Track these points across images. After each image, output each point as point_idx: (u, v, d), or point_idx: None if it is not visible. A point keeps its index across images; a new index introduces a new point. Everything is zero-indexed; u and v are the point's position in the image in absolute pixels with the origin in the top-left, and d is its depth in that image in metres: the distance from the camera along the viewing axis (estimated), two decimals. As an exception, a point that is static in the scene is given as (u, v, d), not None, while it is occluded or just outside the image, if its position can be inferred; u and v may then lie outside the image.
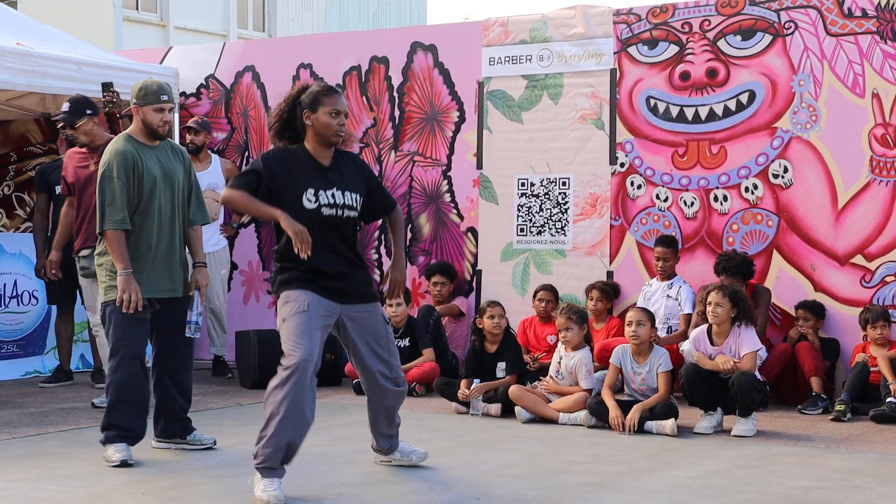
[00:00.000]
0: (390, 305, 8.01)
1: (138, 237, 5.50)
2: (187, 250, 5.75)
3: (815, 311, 7.65)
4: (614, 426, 6.48)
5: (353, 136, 5.05)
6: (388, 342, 5.15)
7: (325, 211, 4.87)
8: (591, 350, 7.23)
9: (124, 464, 5.27)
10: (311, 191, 4.86)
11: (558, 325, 7.03)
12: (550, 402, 6.93)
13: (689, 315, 7.76)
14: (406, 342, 8.17)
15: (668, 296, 7.90)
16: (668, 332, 7.75)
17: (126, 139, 5.60)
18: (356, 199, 5.00)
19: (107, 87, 7.93)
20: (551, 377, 7.07)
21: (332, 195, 4.90)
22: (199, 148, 9.04)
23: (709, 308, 6.57)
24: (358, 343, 5.08)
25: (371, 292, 5.11)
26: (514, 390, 6.94)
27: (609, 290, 8.29)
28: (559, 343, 7.12)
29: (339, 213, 4.92)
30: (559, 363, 7.03)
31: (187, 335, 5.66)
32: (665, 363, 6.66)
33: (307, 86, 5.01)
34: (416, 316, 8.55)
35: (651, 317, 6.80)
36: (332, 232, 4.92)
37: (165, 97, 5.59)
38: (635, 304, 8.15)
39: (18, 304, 8.78)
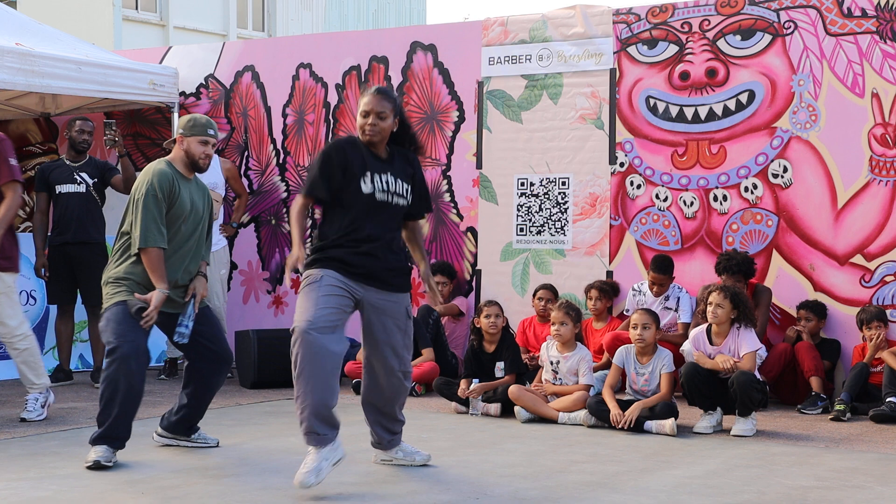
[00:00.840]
0: None
1: (168, 260, 5.59)
2: None
3: (816, 311, 7.66)
4: (615, 423, 6.48)
5: (382, 133, 5.12)
6: (406, 336, 5.21)
7: (379, 196, 5.04)
8: (587, 348, 7.25)
9: (97, 464, 5.20)
10: (368, 175, 5.03)
11: (553, 319, 7.01)
12: (550, 401, 6.93)
13: (687, 324, 7.77)
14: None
15: (665, 307, 7.89)
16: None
17: (167, 164, 5.69)
18: (407, 189, 5.17)
19: (108, 125, 8.08)
20: (546, 380, 7.05)
21: (387, 181, 5.08)
22: None
23: (709, 308, 6.57)
24: (375, 330, 5.13)
25: (400, 283, 5.21)
26: (513, 390, 6.94)
27: (608, 290, 8.29)
28: (549, 339, 7.11)
29: (390, 199, 5.09)
30: (555, 364, 7.01)
31: (175, 339, 5.64)
32: (668, 364, 6.66)
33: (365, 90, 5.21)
34: (415, 316, 8.55)
35: (656, 319, 6.80)
36: (378, 216, 5.07)
37: (212, 132, 5.74)
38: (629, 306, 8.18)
39: (17, 304, 8.76)
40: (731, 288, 6.65)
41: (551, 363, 7.03)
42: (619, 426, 6.46)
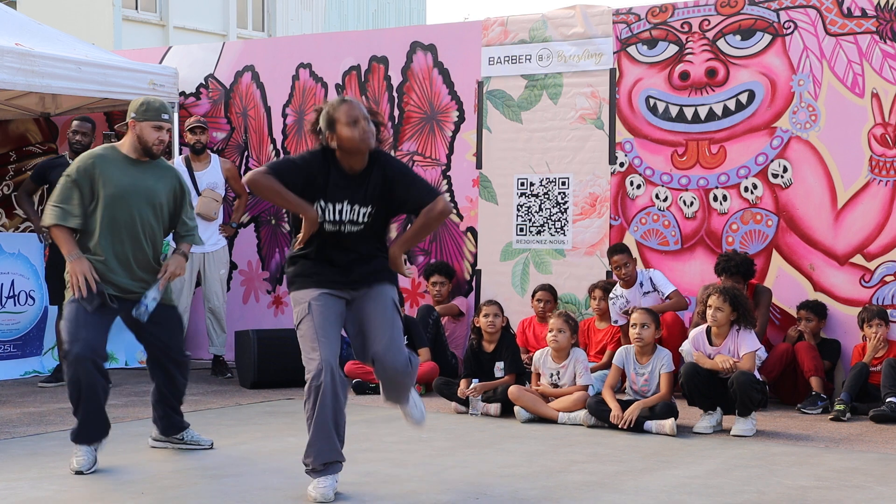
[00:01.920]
0: None
1: (94, 240, 5.39)
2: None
3: (817, 311, 7.65)
4: (615, 422, 6.48)
5: (373, 135, 4.75)
6: (388, 319, 4.85)
7: (328, 227, 4.75)
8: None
9: (79, 472, 5.14)
10: (321, 202, 4.72)
11: (552, 326, 7.00)
12: (549, 401, 6.93)
13: (674, 291, 7.91)
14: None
15: (645, 293, 7.90)
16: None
17: (109, 148, 5.51)
18: (366, 213, 4.79)
19: (108, 137, 8.13)
20: (549, 383, 7.05)
21: (340, 210, 4.74)
22: (204, 147, 9.07)
23: (709, 311, 6.57)
24: (361, 318, 4.84)
25: (379, 273, 4.90)
26: (513, 390, 6.94)
27: (611, 290, 8.28)
28: (541, 351, 7.11)
29: (342, 228, 4.77)
30: (555, 377, 6.98)
31: (133, 314, 5.45)
32: (668, 364, 6.66)
33: (318, 110, 4.83)
34: (415, 316, 8.55)
35: (656, 319, 6.79)
36: (340, 238, 4.80)
37: (166, 116, 5.49)
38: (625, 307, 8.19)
39: (15, 305, 8.77)
40: (730, 290, 6.64)
41: (551, 375, 7.01)
42: (620, 426, 6.46)
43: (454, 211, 8.97)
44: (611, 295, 8.04)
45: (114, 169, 5.41)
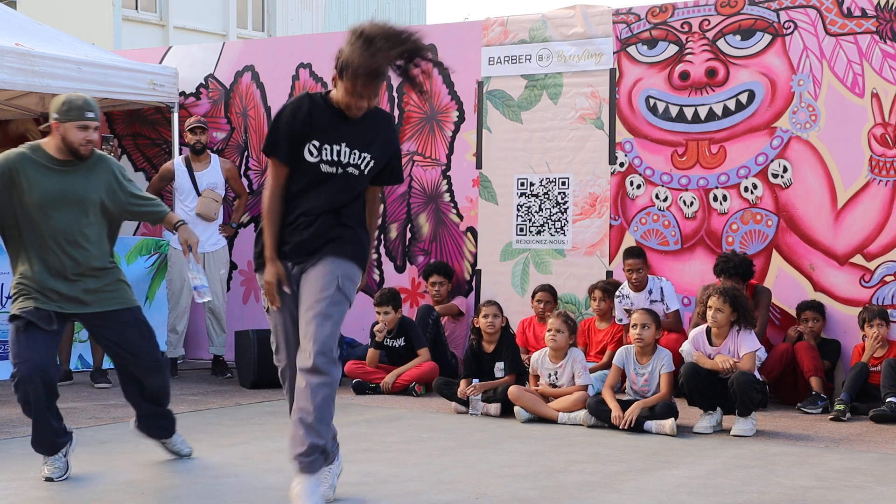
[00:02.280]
0: (378, 313, 8.10)
1: (26, 251, 5.03)
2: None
3: (821, 311, 7.67)
4: (615, 423, 6.48)
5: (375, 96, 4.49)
6: (321, 300, 4.38)
7: (325, 168, 4.46)
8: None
9: (49, 479, 4.98)
10: (315, 143, 4.45)
11: (550, 326, 7.00)
12: (549, 401, 6.93)
13: (677, 311, 7.96)
14: (401, 342, 8.18)
15: (651, 301, 7.90)
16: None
17: (28, 148, 5.06)
18: (367, 160, 4.50)
19: (106, 140, 8.14)
20: (547, 384, 7.04)
21: (338, 151, 4.46)
22: (204, 147, 9.07)
23: (709, 312, 6.56)
24: (300, 302, 4.48)
25: (330, 245, 4.46)
26: (513, 390, 6.94)
27: (612, 290, 8.29)
28: (539, 352, 7.12)
29: (339, 170, 4.47)
30: (553, 377, 6.98)
31: (197, 301, 5.31)
32: (668, 364, 6.66)
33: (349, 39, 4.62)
34: (415, 316, 8.56)
35: (656, 319, 6.79)
36: (325, 190, 4.48)
37: (91, 115, 5.01)
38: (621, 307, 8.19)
39: (15, 305, 8.74)
40: (729, 290, 6.63)
41: (549, 375, 7.02)
42: (620, 426, 6.45)
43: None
44: (617, 293, 8.07)
45: (37, 174, 4.98)
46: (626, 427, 6.44)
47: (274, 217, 4.49)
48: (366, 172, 4.54)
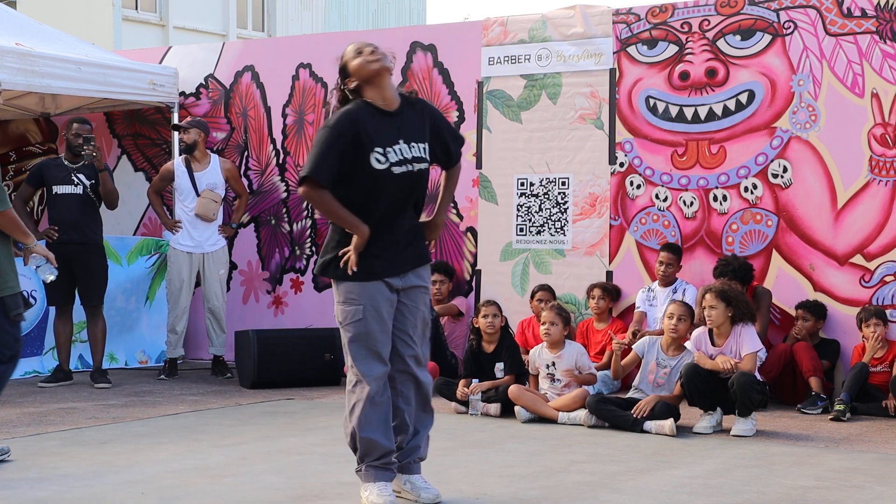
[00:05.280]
0: None
1: None
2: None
3: (814, 311, 7.65)
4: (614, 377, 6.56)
5: (387, 53, 4.54)
6: (425, 325, 4.72)
7: (396, 170, 4.50)
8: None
9: None
10: (378, 149, 4.47)
11: (544, 319, 7.00)
12: (549, 400, 6.92)
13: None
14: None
15: (673, 301, 7.89)
16: None
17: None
18: (424, 148, 4.60)
19: (87, 140, 8.14)
20: (542, 389, 7.03)
21: (400, 150, 4.51)
22: (191, 147, 8.93)
23: (704, 312, 6.56)
24: (405, 319, 4.65)
25: (423, 254, 4.74)
26: (513, 390, 6.94)
27: (611, 290, 8.30)
28: (537, 347, 7.12)
29: (411, 167, 4.55)
30: (551, 367, 6.99)
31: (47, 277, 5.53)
32: None
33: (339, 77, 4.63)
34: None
35: (692, 314, 6.79)
36: (403, 190, 4.57)
37: None
38: (634, 304, 8.20)
39: (17, 305, 8.74)
40: (720, 287, 6.61)
41: (546, 366, 7.01)
42: (634, 414, 6.44)
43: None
44: (647, 288, 8.11)
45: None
46: (640, 416, 6.42)
47: (345, 212, 4.48)
48: (429, 158, 4.63)
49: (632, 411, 6.47)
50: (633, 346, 6.89)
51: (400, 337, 4.63)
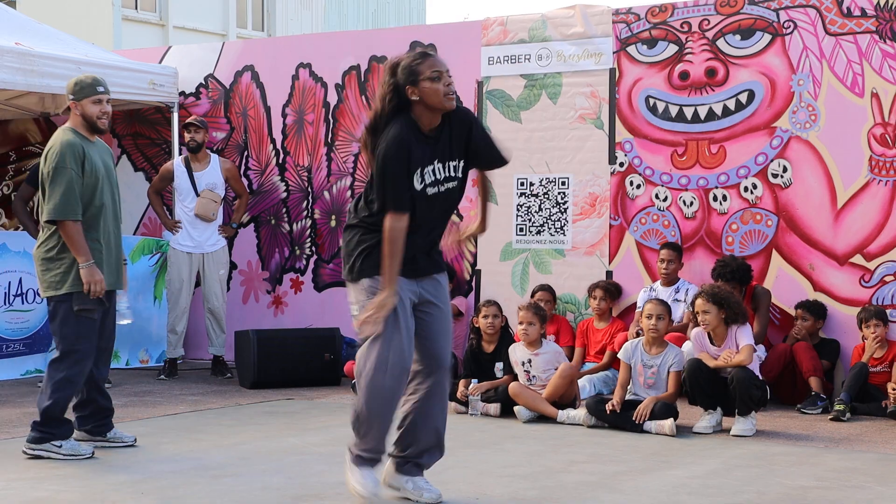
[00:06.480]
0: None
1: (87, 232, 5.46)
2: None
3: (814, 311, 7.66)
4: (610, 407, 6.54)
5: (454, 95, 4.64)
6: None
7: (429, 191, 4.59)
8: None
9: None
10: (419, 171, 4.54)
11: (521, 318, 7.04)
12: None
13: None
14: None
15: (675, 300, 7.90)
16: None
17: (73, 132, 5.56)
18: (456, 167, 4.70)
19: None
20: (523, 383, 7.05)
21: (433, 170, 4.59)
22: (199, 146, 9.00)
23: (699, 317, 6.56)
24: (431, 321, 4.79)
25: (440, 261, 4.86)
26: (513, 387, 6.94)
27: (612, 290, 8.30)
28: (514, 344, 7.17)
29: (441, 189, 4.64)
30: (527, 364, 7.01)
31: (123, 323, 5.59)
32: (678, 363, 6.62)
33: (396, 63, 4.64)
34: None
35: (669, 312, 6.83)
36: (435, 208, 4.66)
37: (101, 88, 5.61)
38: (635, 302, 8.19)
39: (23, 303, 8.74)
40: (710, 290, 6.58)
41: (522, 363, 7.03)
42: (635, 419, 6.44)
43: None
44: (649, 287, 8.10)
45: (90, 153, 5.50)
46: (641, 421, 6.42)
47: (398, 249, 4.48)
48: (461, 176, 4.74)
49: (632, 417, 6.47)
50: (619, 356, 6.89)
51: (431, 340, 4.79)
